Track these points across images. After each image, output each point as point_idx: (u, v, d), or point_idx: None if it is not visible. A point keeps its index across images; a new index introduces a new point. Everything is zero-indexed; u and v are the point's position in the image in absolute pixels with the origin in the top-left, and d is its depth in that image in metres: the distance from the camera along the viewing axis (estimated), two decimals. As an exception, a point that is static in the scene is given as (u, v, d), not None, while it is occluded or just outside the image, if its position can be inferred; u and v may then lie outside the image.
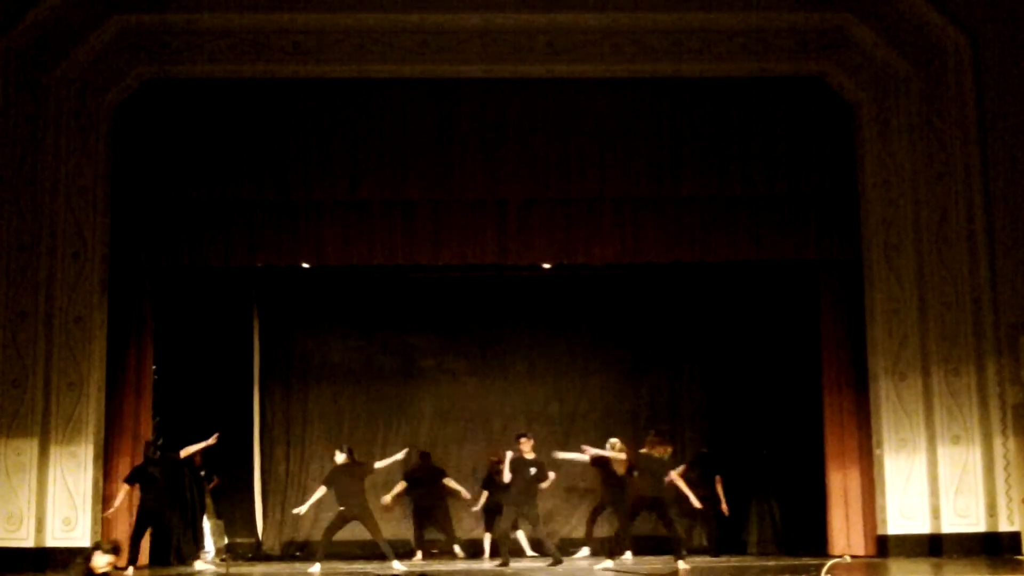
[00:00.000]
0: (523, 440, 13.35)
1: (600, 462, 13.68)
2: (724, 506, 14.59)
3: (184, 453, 13.39)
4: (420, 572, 11.79)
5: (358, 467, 13.22)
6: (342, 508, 13.01)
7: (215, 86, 13.78)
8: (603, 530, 14.68)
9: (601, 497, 14.33)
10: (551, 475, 13.71)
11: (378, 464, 13.54)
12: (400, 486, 15.05)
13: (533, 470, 13.24)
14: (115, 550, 9.13)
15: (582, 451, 13.34)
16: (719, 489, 14.62)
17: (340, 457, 13.17)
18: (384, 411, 16.17)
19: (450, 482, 15.06)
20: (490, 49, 13.61)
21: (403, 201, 13.76)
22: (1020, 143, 13.26)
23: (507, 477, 13.32)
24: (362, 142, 13.71)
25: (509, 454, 13.29)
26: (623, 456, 13.17)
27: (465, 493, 15.03)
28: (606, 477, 13.99)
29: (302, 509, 13.65)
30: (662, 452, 13.30)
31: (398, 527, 15.18)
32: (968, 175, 13.40)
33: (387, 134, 13.72)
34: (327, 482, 13.19)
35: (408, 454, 14.18)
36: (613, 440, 13.52)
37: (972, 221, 13.37)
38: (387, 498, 14.83)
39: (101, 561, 8.74)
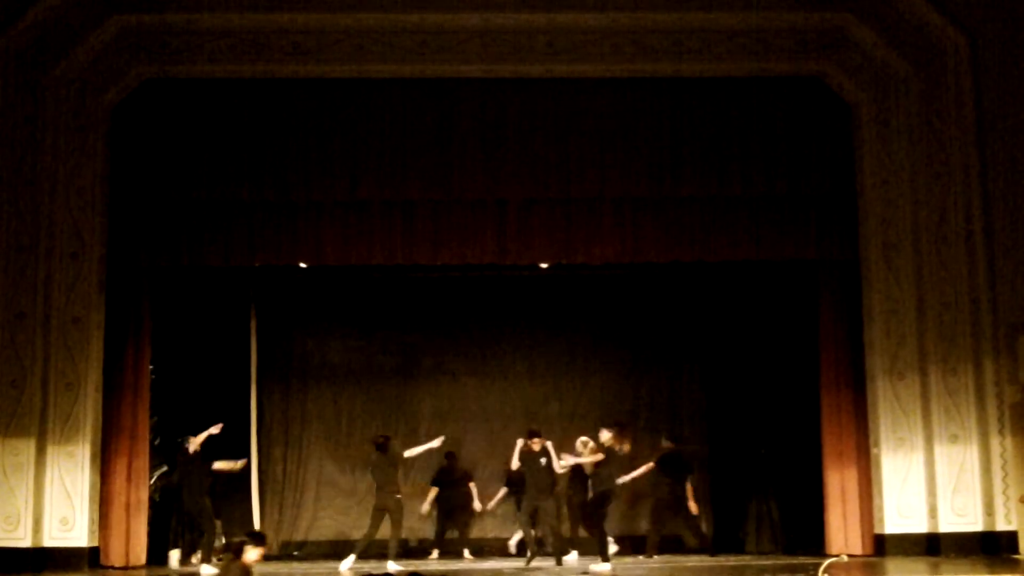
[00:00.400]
0: (535, 440, 13.26)
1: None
2: (692, 504, 14.51)
3: (193, 447, 13.40)
4: (410, 572, 11.74)
5: (388, 456, 13.23)
6: (376, 501, 13.13)
7: (215, 86, 13.76)
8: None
9: (569, 496, 14.38)
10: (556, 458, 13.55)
11: (408, 453, 13.61)
12: (433, 492, 15.06)
13: (543, 460, 13.20)
14: (262, 540, 9.12)
15: (561, 457, 13.39)
16: (688, 488, 14.55)
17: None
18: (383, 411, 16.14)
19: (472, 487, 15.14)
20: (490, 49, 13.62)
21: (403, 201, 13.74)
22: (1019, 143, 13.30)
23: (515, 464, 13.32)
24: (362, 142, 13.70)
25: (520, 442, 13.27)
26: (599, 456, 13.11)
27: (477, 504, 15.11)
28: (573, 475, 14.05)
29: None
30: (622, 446, 13.30)
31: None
32: (967, 175, 13.44)
33: (387, 134, 13.72)
34: (372, 474, 13.41)
35: (443, 443, 14.21)
36: (584, 439, 13.51)
37: (971, 221, 13.41)
38: (425, 507, 14.96)
39: (253, 555, 8.72)
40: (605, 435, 13.16)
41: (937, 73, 13.63)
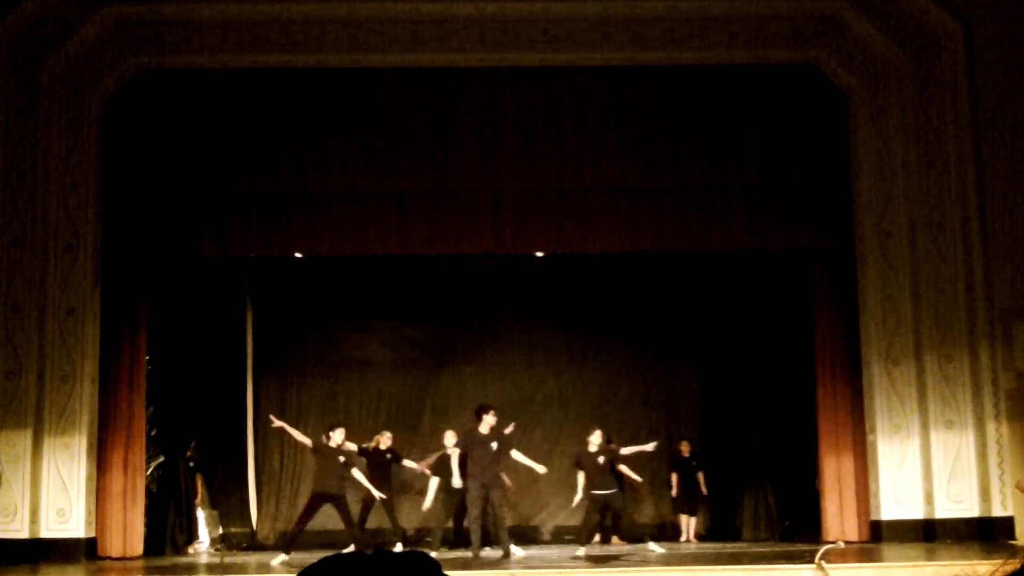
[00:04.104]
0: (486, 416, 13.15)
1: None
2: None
3: (624, 452, 13.42)
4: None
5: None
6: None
7: (209, 77, 13.72)
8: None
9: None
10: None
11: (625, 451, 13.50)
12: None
13: (494, 445, 12.93)
14: None
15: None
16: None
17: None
18: (380, 403, 16.14)
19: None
20: (485, 38, 13.60)
21: (398, 191, 13.70)
22: (1014, 131, 13.31)
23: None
24: (357, 133, 13.66)
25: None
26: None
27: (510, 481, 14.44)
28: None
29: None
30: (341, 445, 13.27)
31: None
32: (962, 163, 13.45)
33: (382, 124, 13.67)
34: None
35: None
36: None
37: (966, 208, 13.41)
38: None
39: None
40: (339, 435, 13.24)
41: (931, 61, 13.63)
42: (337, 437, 13.29)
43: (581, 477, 13.32)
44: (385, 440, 14.17)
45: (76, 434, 13.15)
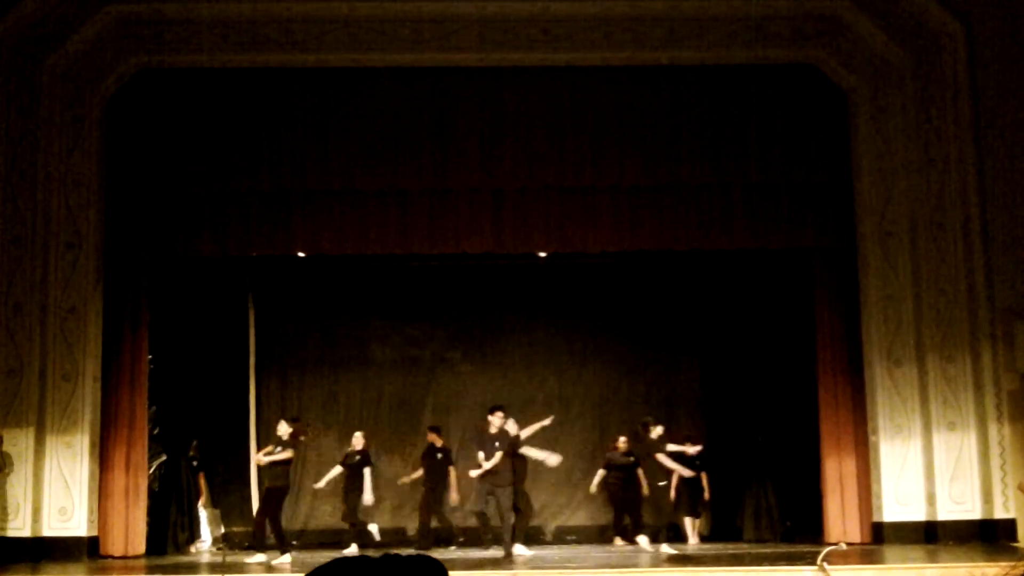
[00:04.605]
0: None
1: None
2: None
3: (525, 433, 13.48)
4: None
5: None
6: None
7: (210, 76, 13.73)
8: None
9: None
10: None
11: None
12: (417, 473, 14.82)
13: (497, 444, 13.04)
14: None
15: None
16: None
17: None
18: (381, 401, 16.15)
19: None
20: (486, 38, 13.59)
21: (398, 190, 13.70)
22: (1014, 131, 13.25)
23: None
24: (357, 132, 13.67)
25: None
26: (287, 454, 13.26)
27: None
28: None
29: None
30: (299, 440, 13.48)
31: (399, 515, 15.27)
32: (963, 163, 13.40)
33: (382, 123, 13.68)
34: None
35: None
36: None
37: (967, 208, 13.36)
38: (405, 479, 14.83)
39: None
40: (283, 428, 13.26)
41: (933, 61, 13.58)
42: (280, 429, 13.36)
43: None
44: (357, 441, 14.13)
45: (78, 433, 13.19)
